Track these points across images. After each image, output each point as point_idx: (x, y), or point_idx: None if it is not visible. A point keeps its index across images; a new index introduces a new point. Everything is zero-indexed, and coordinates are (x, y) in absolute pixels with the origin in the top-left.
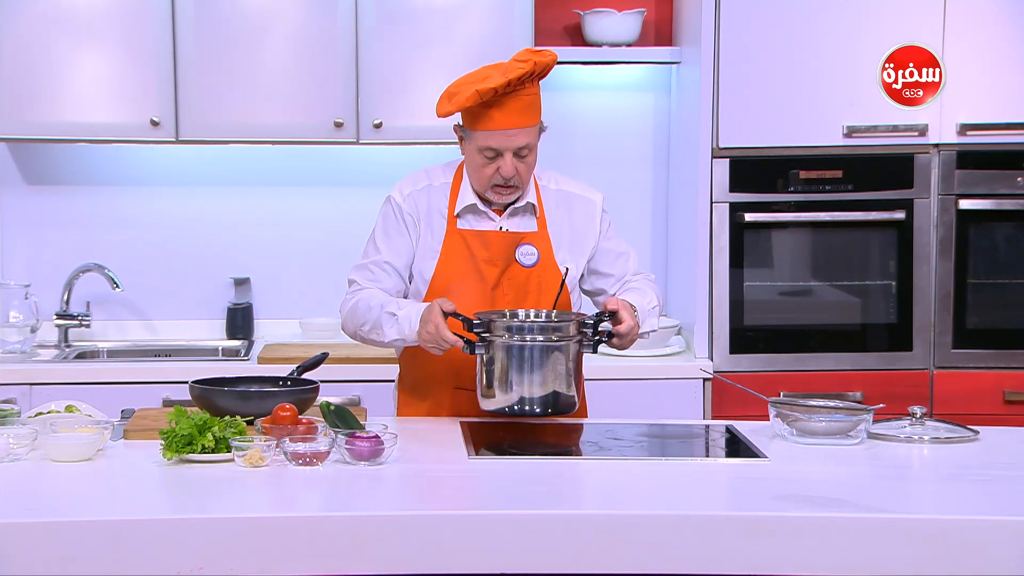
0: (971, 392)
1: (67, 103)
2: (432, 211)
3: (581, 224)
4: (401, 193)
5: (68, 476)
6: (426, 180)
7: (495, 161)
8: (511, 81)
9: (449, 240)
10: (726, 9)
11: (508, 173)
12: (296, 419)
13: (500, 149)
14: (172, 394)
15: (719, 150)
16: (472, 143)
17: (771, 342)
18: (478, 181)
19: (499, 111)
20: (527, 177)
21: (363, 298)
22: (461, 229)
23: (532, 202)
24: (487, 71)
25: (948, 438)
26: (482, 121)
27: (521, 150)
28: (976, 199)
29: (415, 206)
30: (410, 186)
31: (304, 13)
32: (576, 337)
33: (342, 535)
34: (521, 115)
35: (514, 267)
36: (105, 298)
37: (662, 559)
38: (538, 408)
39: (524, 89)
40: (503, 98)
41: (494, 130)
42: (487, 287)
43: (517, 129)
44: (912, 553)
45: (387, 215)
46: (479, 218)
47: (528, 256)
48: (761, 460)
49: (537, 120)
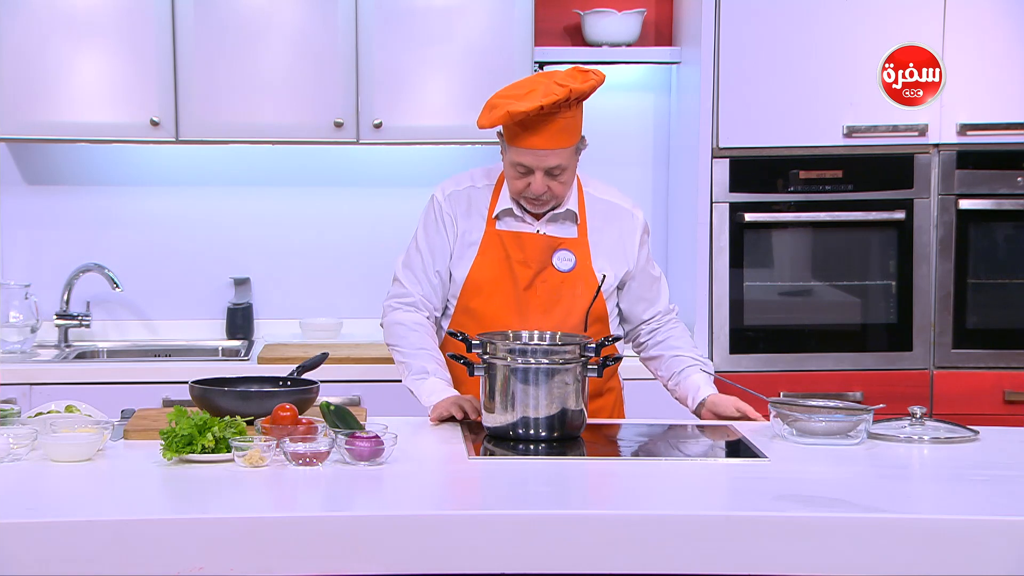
0: (971, 392)
1: (67, 103)
2: (472, 211)
3: (622, 237)
4: (443, 192)
5: (68, 476)
6: (469, 181)
7: (527, 177)
8: (544, 107)
9: (487, 240)
10: (726, 9)
11: (538, 191)
12: (296, 419)
13: (531, 167)
14: (172, 394)
15: (719, 150)
16: (507, 155)
17: (771, 342)
18: (512, 191)
19: (533, 132)
20: (561, 192)
21: (407, 326)
22: (499, 230)
23: (573, 209)
24: (533, 83)
25: (948, 438)
26: (517, 138)
27: (553, 170)
28: (976, 199)
29: (455, 206)
30: (453, 186)
31: (304, 13)
32: (581, 360)
33: (342, 535)
34: (554, 138)
35: (549, 271)
36: (105, 298)
37: (662, 559)
38: (543, 432)
39: (559, 113)
40: (537, 119)
41: (527, 149)
42: (518, 288)
43: (549, 151)
44: (912, 553)
45: (428, 213)
46: (517, 221)
47: (565, 261)
48: (761, 460)
49: (572, 142)
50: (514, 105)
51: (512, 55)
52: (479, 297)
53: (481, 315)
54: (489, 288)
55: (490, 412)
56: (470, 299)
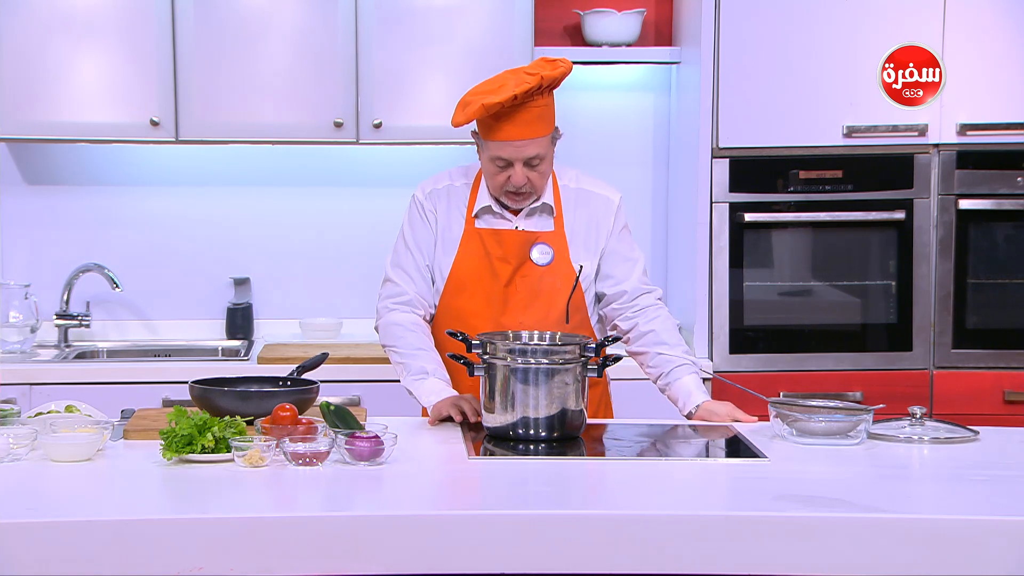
0: (971, 392)
1: (67, 103)
2: (452, 210)
3: (597, 222)
4: (423, 191)
5: (68, 476)
6: (447, 180)
7: (506, 170)
8: (518, 95)
9: (466, 238)
10: (726, 9)
11: (519, 182)
12: (296, 419)
13: (510, 159)
14: (172, 394)
15: (719, 150)
16: (485, 151)
17: (771, 342)
18: (492, 187)
19: (509, 123)
20: (540, 184)
21: (404, 327)
22: (479, 228)
23: (548, 202)
24: (503, 79)
25: (948, 438)
26: (493, 132)
27: (532, 160)
28: (976, 199)
29: (435, 204)
30: (431, 185)
31: (304, 13)
32: (581, 360)
33: (342, 535)
34: (530, 127)
35: (528, 265)
36: (105, 298)
37: (662, 559)
38: (543, 432)
39: (533, 101)
40: (512, 110)
41: (504, 141)
42: (500, 285)
43: (526, 140)
44: (911, 553)
45: (411, 211)
46: (496, 218)
47: (543, 255)
48: (761, 460)
49: (548, 130)
50: (488, 98)
51: (512, 55)
52: (462, 295)
53: (463, 313)
54: (472, 286)
55: (490, 412)
56: (452, 297)
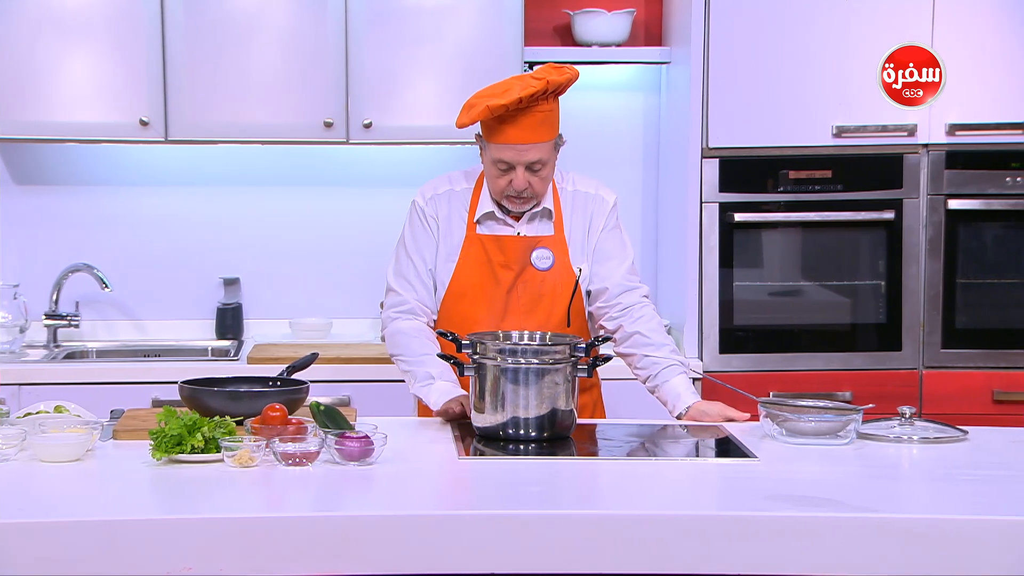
0: (960, 392)
1: (56, 103)
2: (453, 215)
3: (590, 222)
4: (423, 197)
5: (57, 476)
6: (447, 185)
7: (508, 173)
8: (523, 99)
9: (468, 245)
10: (716, 9)
11: (520, 186)
12: (286, 419)
13: (512, 163)
14: (161, 394)
15: (709, 150)
16: (488, 154)
17: (761, 342)
18: (494, 190)
19: (512, 126)
20: (542, 189)
21: (408, 334)
22: (480, 234)
23: (548, 207)
24: (509, 84)
25: (937, 438)
26: (496, 134)
27: (534, 164)
28: (965, 199)
29: (436, 210)
30: (432, 190)
31: (293, 13)
32: (571, 360)
33: (332, 535)
34: (533, 131)
35: (529, 271)
36: (94, 298)
37: (651, 559)
38: (533, 432)
39: (538, 106)
40: (516, 114)
41: (507, 144)
42: (502, 291)
43: (529, 144)
44: (901, 553)
45: (412, 217)
46: (498, 224)
47: (543, 260)
48: (751, 460)
49: (551, 136)
50: (493, 100)
51: (502, 55)
52: (463, 302)
53: (465, 319)
54: (473, 293)
55: (480, 412)
56: (454, 304)
